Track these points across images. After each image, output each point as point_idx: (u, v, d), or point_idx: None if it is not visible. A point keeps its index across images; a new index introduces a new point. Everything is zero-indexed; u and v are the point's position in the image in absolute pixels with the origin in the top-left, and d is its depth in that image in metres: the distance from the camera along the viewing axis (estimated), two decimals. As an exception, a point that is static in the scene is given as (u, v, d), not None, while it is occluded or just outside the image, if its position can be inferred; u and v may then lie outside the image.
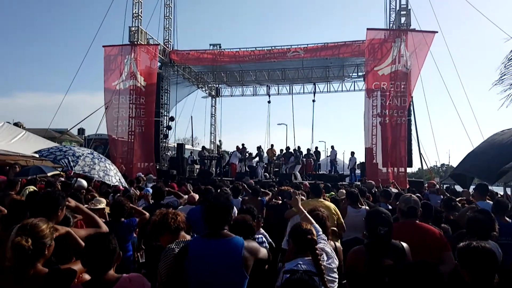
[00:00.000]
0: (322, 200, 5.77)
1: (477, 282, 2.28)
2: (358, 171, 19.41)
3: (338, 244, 3.65)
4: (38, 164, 11.69)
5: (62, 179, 10.37)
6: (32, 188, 7.57)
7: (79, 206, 3.28)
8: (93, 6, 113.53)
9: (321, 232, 3.13)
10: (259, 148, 20.52)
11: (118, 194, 6.65)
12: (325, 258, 2.76)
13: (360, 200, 6.27)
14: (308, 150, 20.91)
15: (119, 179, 5.76)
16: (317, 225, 3.21)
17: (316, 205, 4.43)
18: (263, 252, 2.66)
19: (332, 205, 5.51)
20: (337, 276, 2.75)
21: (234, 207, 2.84)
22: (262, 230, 4.73)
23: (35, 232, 2.26)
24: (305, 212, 3.52)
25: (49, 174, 11.14)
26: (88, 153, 5.53)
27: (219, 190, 6.87)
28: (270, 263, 2.94)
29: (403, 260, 2.98)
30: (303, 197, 5.88)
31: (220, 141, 31.32)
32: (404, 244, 3.13)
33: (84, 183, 7.97)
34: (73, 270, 2.36)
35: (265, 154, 21.17)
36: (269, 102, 25.31)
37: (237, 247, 2.49)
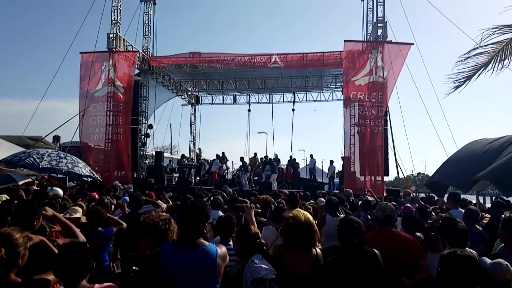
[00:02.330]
0: (299, 210, 5.78)
1: None
2: (336, 180, 19.63)
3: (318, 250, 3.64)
4: (10, 172, 11.36)
5: (35, 187, 10.10)
6: (4, 197, 7.35)
7: (56, 215, 3.21)
8: (70, 12, 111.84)
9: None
10: (242, 158, 20.54)
11: (93, 204, 6.52)
12: None
13: (338, 208, 6.33)
14: (294, 158, 21.14)
15: (90, 170, 5.56)
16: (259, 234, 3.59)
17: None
18: (228, 257, 2.72)
19: (309, 215, 5.55)
20: None
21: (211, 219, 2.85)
22: None
23: (8, 241, 2.21)
24: (255, 221, 3.96)
25: (20, 183, 10.83)
26: (53, 151, 5.42)
27: (212, 199, 6.85)
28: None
29: (376, 266, 3.04)
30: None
31: (199, 149, 31.16)
32: (376, 251, 3.19)
33: (60, 191, 7.78)
34: (47, 281, 2.31)
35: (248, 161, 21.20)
36: (249, 110, 25.42)
37: (212, 257, 2.46)
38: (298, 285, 2.93)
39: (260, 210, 6.76)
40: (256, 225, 3.87)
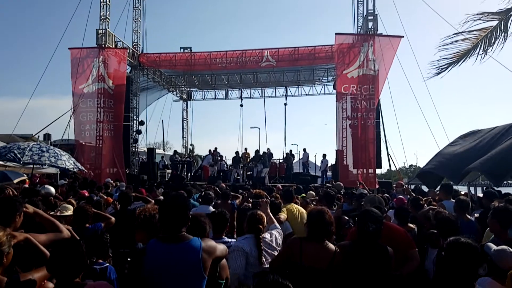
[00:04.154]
0: (293, 204, 5.78)
1: (462, 276, 2.35)
2: (329, 173, 19.66)
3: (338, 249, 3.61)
4: (5, 170, 11.23)
5: (26, 185, 9.97)
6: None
7: (37, 211, 3.14)
8: (59, 8, 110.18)
9: (278, 227, 3.88)
10: (237, 153, 20.52)
11: (83, 202, 6.45)
12: (267, 236, 3.56)
13: (335, 201, 6.35)
14: (292, 154, 21.17)
15: (74, 163, 5.47)
16: (277, 224, 3.93)
17: (290, 209, 4.93)
18: (220, 249, 2.63)
19: (302, 209, 5.57)
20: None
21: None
22: (234, 236, 4.75)
23: None
24: (270, 214, 4.05)
25: (15, 181, 10.69)
26: (35, 144, 5.34)
27: (203, 194, 6.84)
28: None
29: (387, 262, 3.03)
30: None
31: (192, 145, 31.01)
32: (390, 249, 3.16)
33: (52, 190, 7.70)
34: (33, 281, 2.26)
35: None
36: (241, 105, 25.31)
37: (195, 251, 2.42)
38: (313, 278, 2.92)
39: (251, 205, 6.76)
40: (270, 215, 4.00)
